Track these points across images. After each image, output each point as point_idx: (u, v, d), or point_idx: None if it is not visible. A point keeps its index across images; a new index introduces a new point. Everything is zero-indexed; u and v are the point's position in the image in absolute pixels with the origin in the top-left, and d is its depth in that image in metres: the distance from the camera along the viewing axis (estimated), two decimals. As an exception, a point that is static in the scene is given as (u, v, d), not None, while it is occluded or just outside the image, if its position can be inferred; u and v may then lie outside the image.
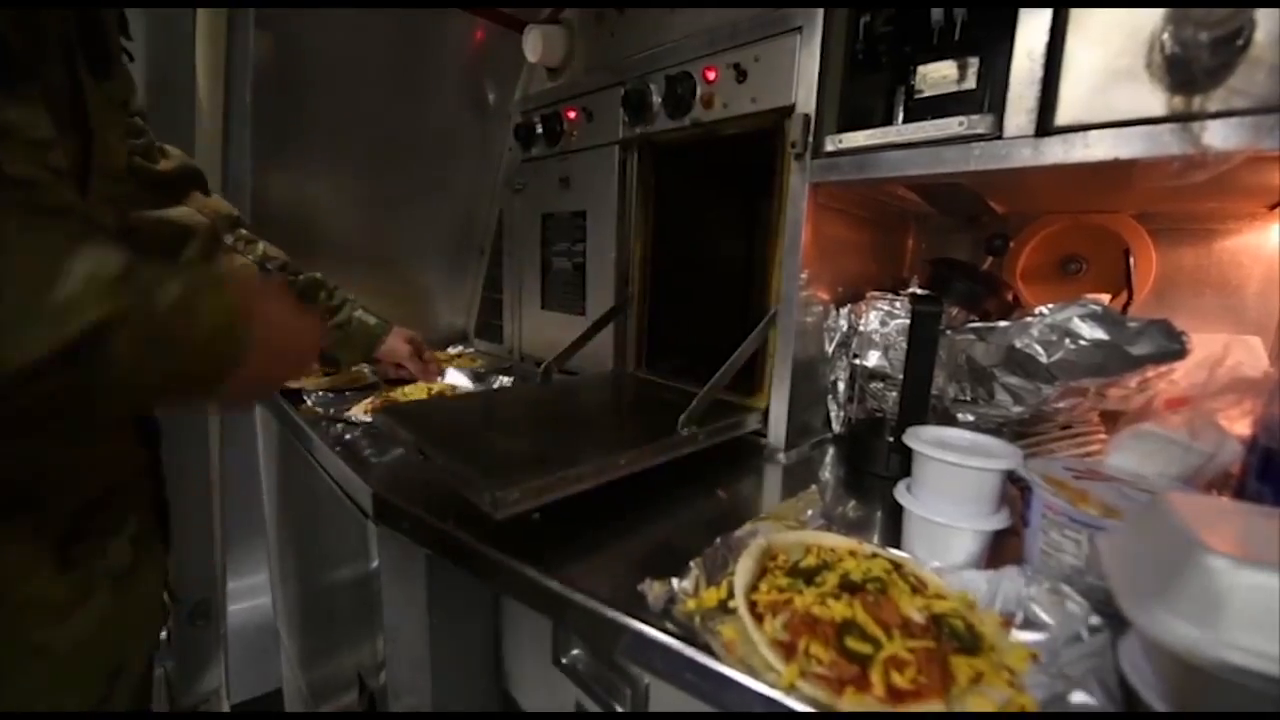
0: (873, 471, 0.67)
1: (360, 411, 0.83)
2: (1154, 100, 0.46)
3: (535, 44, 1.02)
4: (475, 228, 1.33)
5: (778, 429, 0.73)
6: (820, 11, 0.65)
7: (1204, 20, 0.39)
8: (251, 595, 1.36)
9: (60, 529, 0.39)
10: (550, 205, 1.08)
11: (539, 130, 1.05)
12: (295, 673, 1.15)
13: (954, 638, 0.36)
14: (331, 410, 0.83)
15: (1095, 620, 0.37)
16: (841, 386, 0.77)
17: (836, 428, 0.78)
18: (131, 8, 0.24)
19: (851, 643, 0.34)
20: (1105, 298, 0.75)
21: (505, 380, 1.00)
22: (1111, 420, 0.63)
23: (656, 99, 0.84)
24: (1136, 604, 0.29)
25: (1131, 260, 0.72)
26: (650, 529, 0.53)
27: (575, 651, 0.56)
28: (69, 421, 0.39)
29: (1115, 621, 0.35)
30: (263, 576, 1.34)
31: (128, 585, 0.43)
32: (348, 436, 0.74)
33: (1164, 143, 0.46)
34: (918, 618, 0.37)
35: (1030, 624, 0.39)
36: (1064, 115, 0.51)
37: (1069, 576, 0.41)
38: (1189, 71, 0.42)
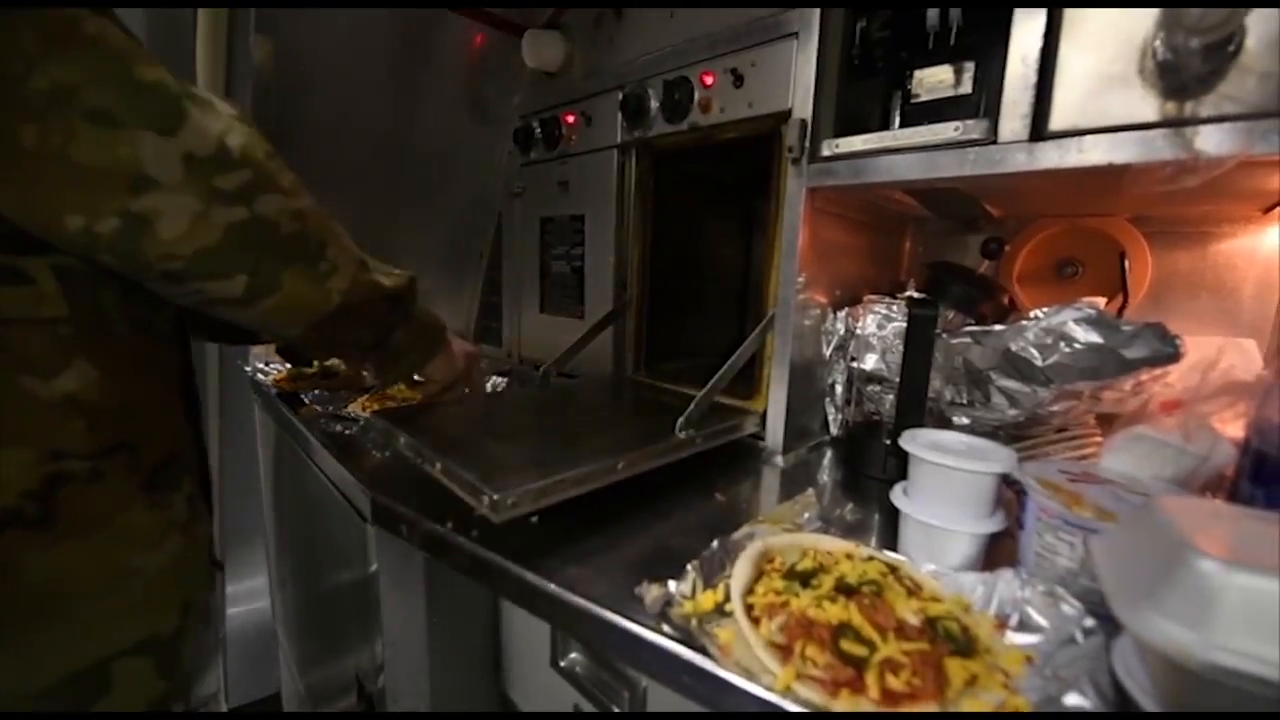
0: (870, 474, 0.68)
1: (358, 408, 0.83)
2: (1147, 106, 0.47)
3: (534, 49, 1.03)
4: (474, 231, 1.33)
5: (775, 432, 0.73)
6: (816, 17, 0.66)
7: (1195, 27, 0.40)
8: (250, 599, 1.36)
9: (145, 473, 0.45)
10: (549, 209, 1.08)
11: (538, 134, 1.06)
12: (294, 676, 1.15)
13: (949, 640, 0.36)
14: (330, 407, 0.84)
15: (1090, 623, 0.37)
16: (839, 389, 0.77)
17: (834, 430, 0.79)
18: (132, 8, 0.32)
19: (847, 645, 0.34)
20: (1101, 301, 0.75)
21: (499, 380, 1.01)
22: (1107, 423, 0.64)
23: (654, 103, 0.84)
24: (1128, 606, 0.30)
25: (1127, 263, 0.72)
26: (648, 532, 0.53)
27: (573, 654, 0.57)
28: (162, 375, 0.48)
29: (1109, 624, 0.35)
30: (261, 580, 1.35)
31: (189, 536, 0.49)
32: (346, 433, 0.75)
33: (1157, 148, 0.46)
34: (913, 620, 0.37)
35: (1025, 626, 0.39)
36: (1058, 120, 0.51)
37: (1064, 579, 0.41)
38: (1181, 77, 0.43)
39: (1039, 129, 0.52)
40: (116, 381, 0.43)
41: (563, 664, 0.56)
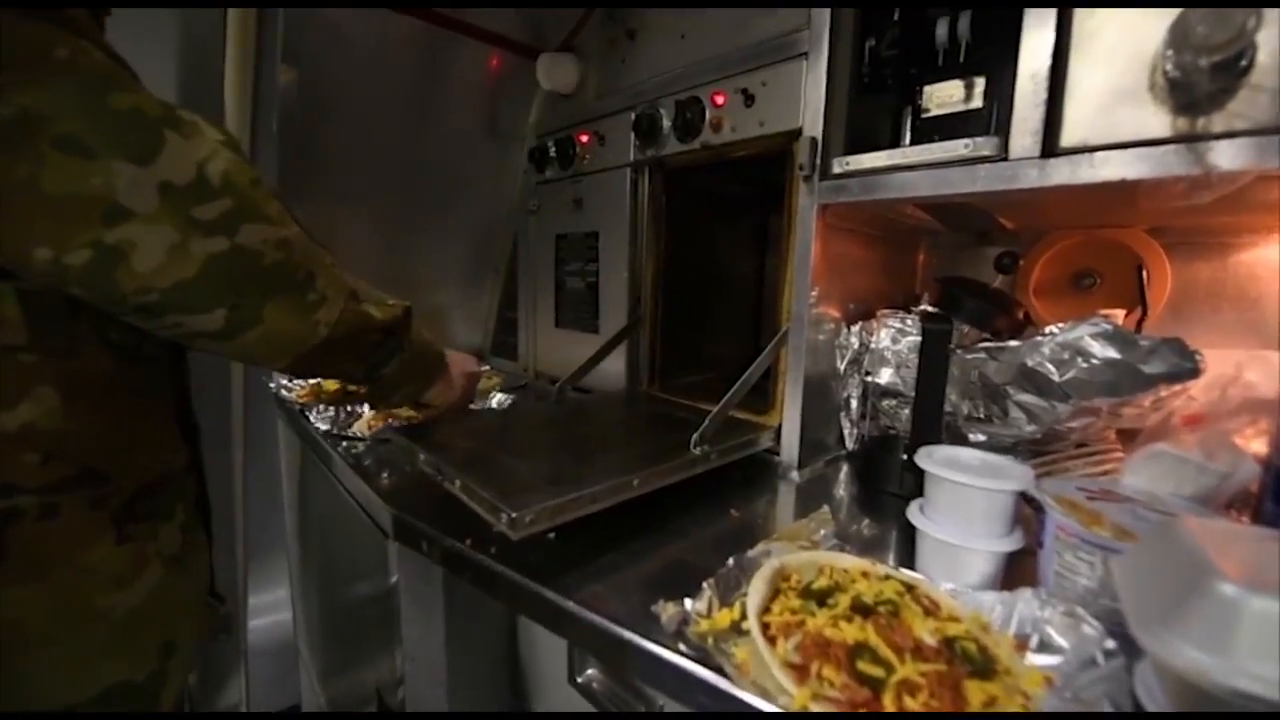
0: (886, 490, 0.67)
1: (364, 426, 0.83)
2: (1158, 121, 0.47)
3: (549, 71, 1.05)
4: (491, 248, 1.36)
5: (790, 447, 0.73)
6: (826, 37, 0.66)
7: (1203, 45, 0.40)
8: (273, 610, 1.38)
9: (119, 506, 0.43)
10: (564, 226, 1.10)
11: (552, 154, 1.08)
12: (315, 689, 1.17)
13: (967, 661, 0.36)
14: (335, 427, 0.85)
15: (1110, 644, 0.37)
16: (854, 404, 0.77)
17: (849, 445, 0.79)
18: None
19: (864, 666, 0.34)
20: (1120, 313, 0.75)
21: (504, 398, 1.02)
22: (1128, 438, 0.63)
23: (666, 123, 0.86)
24: (1148, 629, 0.29)
25: (1145, 275, 0.72)
26: (664, 549, 0.53)
27: (591, 670, 0.57)
28: (148, 400, 0.47)
29: (1130, 645, 0.35)
30: (284, 592, 1.37)
31: (177, 570, 0.46)
32: (354, 452, 0.76)
33: (1169, 163, 0.46)
34: (930, 641, 0.37)
35: (1045, 647, 0.39)
36: (1069, 137, 0.52)
37: (1083, 599, 0.41)
38: (1191, 94, 0.43)
39: (1050, 145, 0.52)
40: (86, 408, 0.41)
41: (580, 680, 0.56)
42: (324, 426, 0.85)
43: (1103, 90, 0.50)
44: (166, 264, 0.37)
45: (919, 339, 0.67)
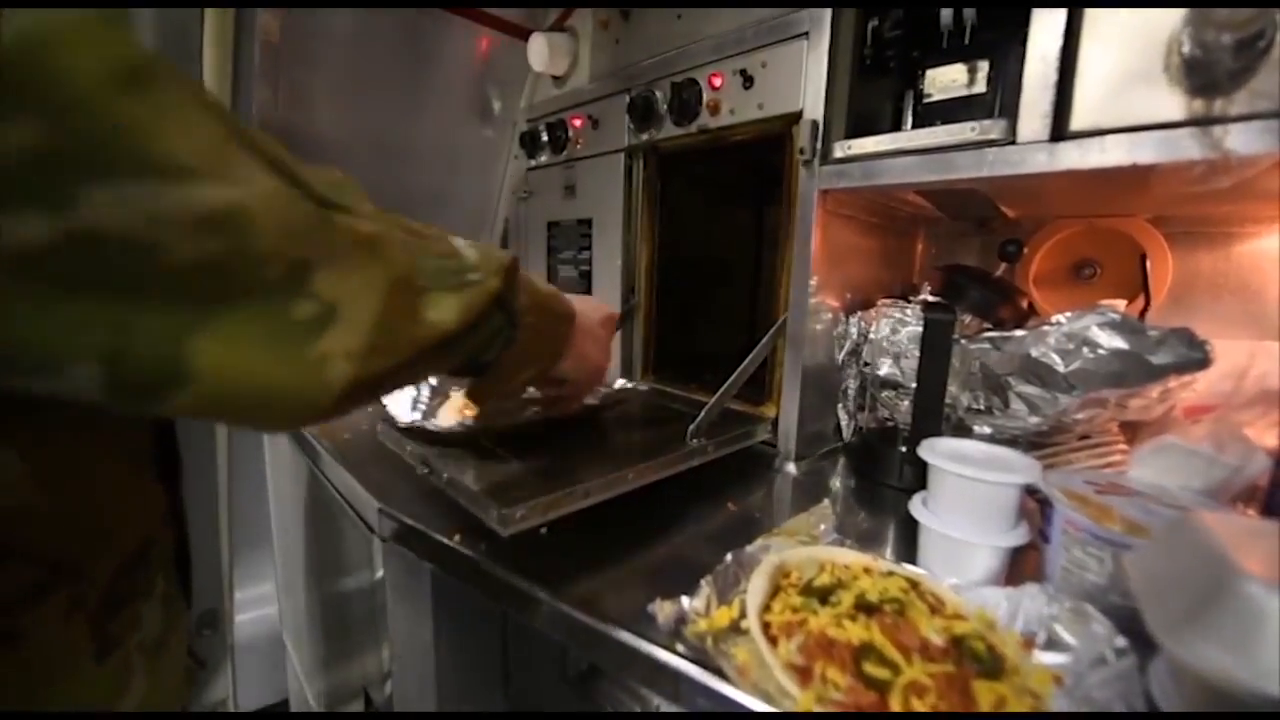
0: (885, 482, 0.66)
1: (453, 413, 0.63)
2: (1173, 104, 0.45)
3: (540, 52, 1.02)
4: (481, 236, 1.33)
5: (788, 439, 0.72)
6: (827, 16, 0.64)
7: (1227, 22, 0.38)
8: (259, 604, 1.36)
9: (97, 601, 0.30)
10: (556, 213, 1.08)
11: (544, 138, 1.05)
12: (302, 684, 1.15)
13: (975, 661, 0.35)
14: (414, 419, 0.65)
15: (1121, 642, 0.35)
16: (852, 395, 0.76)
17: (847, 436, 0.77)
18: (138, 8, 0.17)
19: (870, 667, 0.33)
20: (1121, 303, 0.74)
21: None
22: (1129, 430, 0.62)
23: (662, 106, 0.83)
24: (1168, 629, 0.28)
25: (1149, 265, 0.71)
26: (660, 543, 0.52)
27: (585, 668, 0.56)
28: (127, 437, 0.32)
29: (1141, 643, 0.34)
30: (270, 586, 1.34)
31: (158, 657, 0.34)
32: (344, 437, 0.74)
33: (1183, 147, 0.45)
34: (937, 640, 0.35)
35: (1053, 645, 0.38)
36: (1079, 120, 0.50)
37: (1091, 595, 0.40)
38: (1210, 74, 0.41)
39: (1059, 129, 0.51)
40: (55, 471, 0.27)
41: (574, 679, 0.55)
42: (401, 417, 0.65)
43: (1115, 72, 0.48)
44: None
45: (919, 329, 0.66)
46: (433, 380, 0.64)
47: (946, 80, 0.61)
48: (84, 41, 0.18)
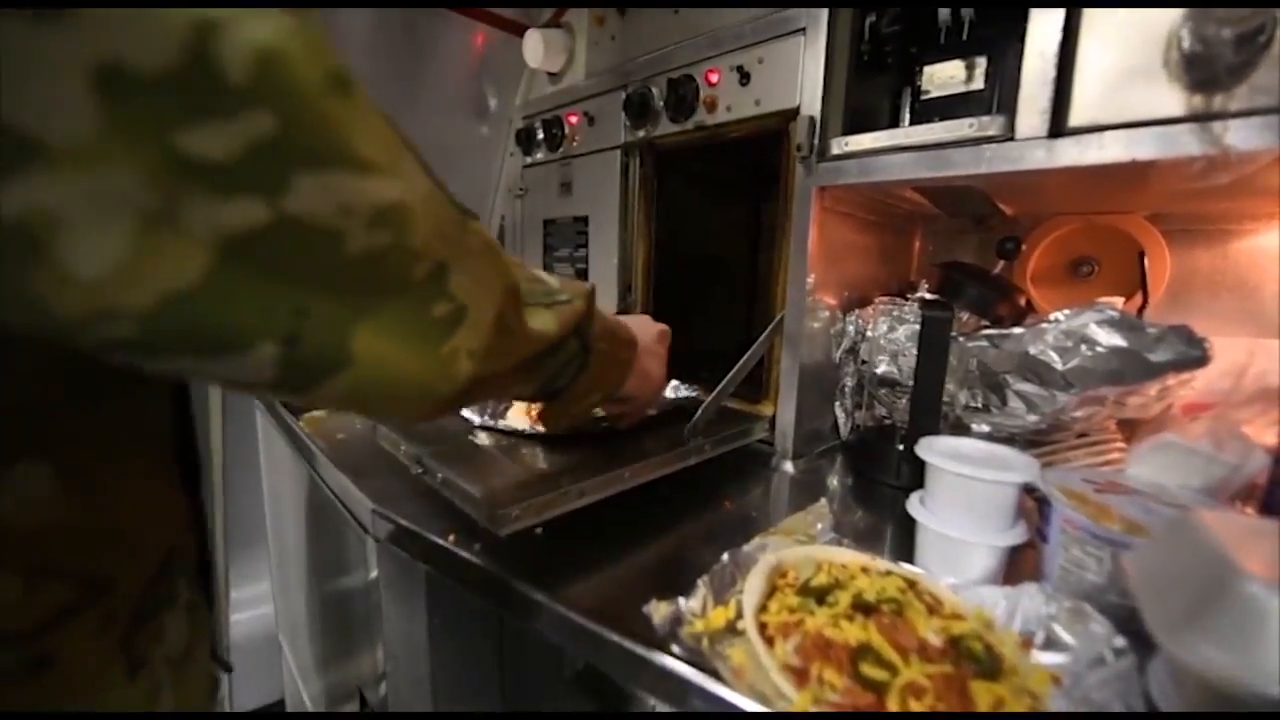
0: (883, 481, 0.66)
1: (522, 418, 0.65)
2: (1172, 100, 0.45)
3: (536, 48, 1.02)
4: (477, 233, 1.32)
5: (785, 437, 0.71)
6: (825, 12, 0.64)
7: (1227, 16, 0.38)
8: (254, 604, 1.35)
9: (127, 616, 0.29)
10: (552, 211, 1.07)
11: (540, 135, 1.04)
12: (297, 684, 1.14)
13: (973, 661, 0.34)
14: (485, 415, 0.67)
15: (1120, 642, 0.35)
16: (849, 393, 0.76)
17: (844, 435, 0.77)
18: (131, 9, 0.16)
19: (867, 669, 0.33)
20: (1119, 301, 0.73)
21: None
22: (1128, 428, 0.62)
23: (659, 103, 0.83)
24: (1169, 630, 0.28)
25: (1146, 263, 0.70)
26: (656, 543, 0.51)
27: (581, 668, 0.55)
28: (151, 443, 0.31)
29: (1140, 643, 0.33)
30: (266, 585, 1.34)
31: (184, 668, 0.33)
32: (339, 437, 0.73)
33: (1182, 143, 0.44)
34: (935, 640, 0.35)
35: (1051, 644, 0.37)
36: (1078, 116, 0.50)
37: (1090, 594, 0.40)
38: (1210, 69, 0.41)
39: (1058, 125, 0.50)
40: (84, 482, 0.26)
41: (571, 679, 0.54)
42: (473, 417, 0.68)
43: (1114, 67, 0.48)
44: (137, 259, 0.17)
45: (916, 327, 0.65)
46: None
47: (944, 77, 0.61)
48: (308, 49, 0.20)
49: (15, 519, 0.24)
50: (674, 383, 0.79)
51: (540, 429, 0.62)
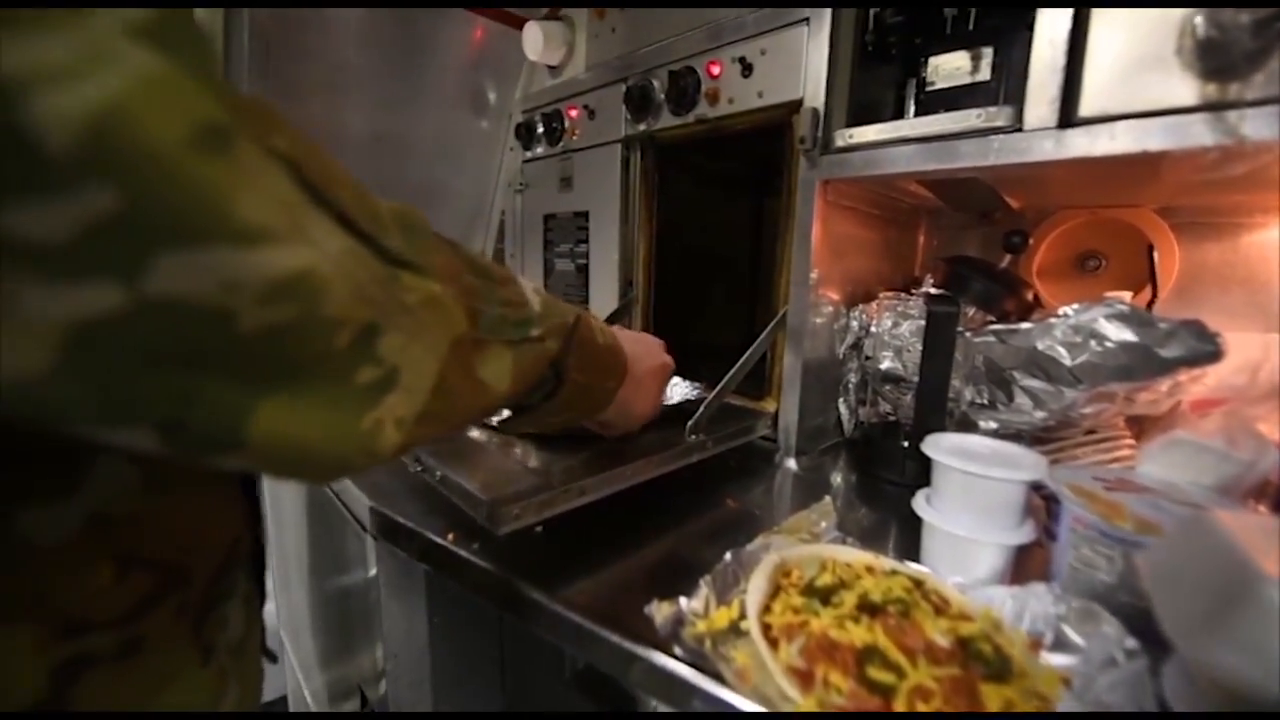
0: (887, 478, 0.65)
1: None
2: (1185, 88, 0.44)
3: (535, 41, 1.00)
4: (476, 229, 1.31)
5: (788, 434, 0.70)
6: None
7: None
8: (256, 601, 1.35)
9: (198, 605, 0.29)
10: (552, 206, 1.06)
11: (540, 130, 1.03)
12: (299, 681, 1.14)
13: (982, 663, 0.33)
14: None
15: (1131, 644, 0.34)
16: (853, 389, 0.75)
17: (848, 432, 0.76)
18: (127, 8, 0.15)
19: (873, 671, 0.32)
20: (1127, 295, 0.72)
21: None
22: (1136, 425, 0.61)
23: (660, 95, 0.82)
24: (1187, 634, 0.27)
25: (1156, 257, 0.69)
26: (658, 542, 0.51)
27: (582, 667, 0.55)
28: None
29: (1153, 645, 0.33)
30: (267, 582, 1.34)
31: (241, 658, 0.34)
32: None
33: (1195, 133, 0.43)
34: (942, 642, 0.34)
35: (1061, 646, 0.37)
36: (1088, 106, 0.48)
37: (1100, 595, 0.39)
38: (1226, 56, 0.40)
39: (1067, 115, 0.49)
40: (163, 476, 0.27)
41: (571, 679, 0.54)
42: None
43: (1126, 56, 0.46)
44: None
45: (921, 323, 0.64)
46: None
47: (950, 68, 0.60)
48: (168, 100, 0.17)
49: (112, 508, 0.25)
50: (676, 379, 0.78)
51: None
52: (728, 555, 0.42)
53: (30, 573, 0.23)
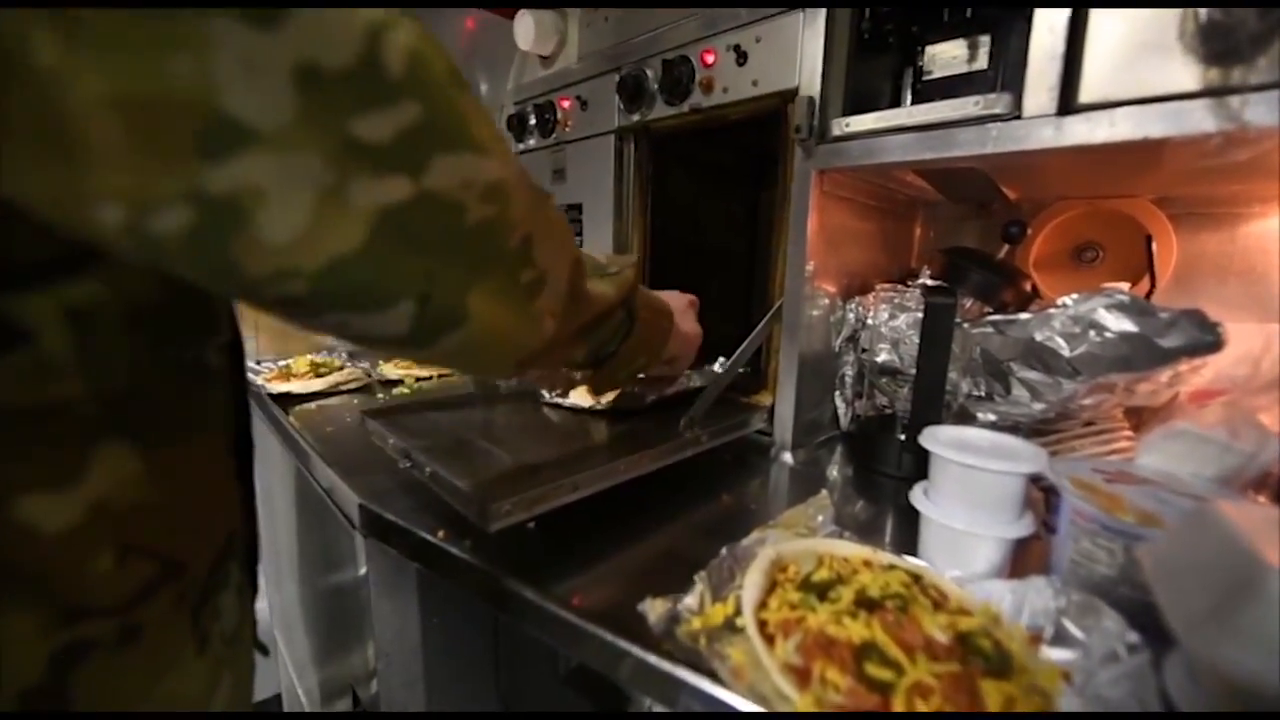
0: (884, 471, 0.65)
1: (586, 396, 0.70)
2: (1187, 74, 0.43)
3: (527, 31, 0.99)
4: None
5: (784, 428, 0.70)
6: (824, -10, 0.62)
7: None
8: (249, 599, 1.34)
9: (195, 595, 0.30)
10: (545, 198, 1.05)
11: (532, 121, 1.02)
12: (293, 679, 1.13)
13: (981, 659, 0.33)
14: (553, 393, 0.72)
15: (1133, 637, 0.34)
16: (849, 382, 0.74)
17: (844, 425, 0.76)
18: (266, 7, 0.16)
19: (872, 668, 0.31)
20: (1125, 286, 0.72)
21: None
22: (1134, 416, 0.60)
23: (653, 85, 0.80)
24: (1190, 627, 0.26)
25: (1154, 247, 0.69)
26: (652, 537, 0.50)
27: (576, 665, 0.54)
28: (214, 431, 0.32)
29: (1155, 639, 0.32)
30: (261, 579, 1.33)
31: (235, 648, 0.34)
32: (328, 430, 0.71)
33: (1197, 119, 0.43)
34: (941, 637, 0.34)
35: (1061, 640, 0.36)
36: (1088, 93, 0.48)
37: (1101, 588, 0.38)
38: (1229, 40, 0.39)
39: (1067, 102, 0.49)
40: (165, 465, 0.28)
41: (566, 677, 0.53)
42: (547, 394, 0.72)
43: (1126, 41, 0.46)
44: (313, 228, 0.21)
45: (918, 315, 0.64)
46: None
47: (947, 57, 0.59)
48: (435, 47, 0.23)
49: (114, 496, 0.25)
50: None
51: (599, 405, 0.68)
52: (723, 550, 0.42)
53: (32, 559, 0.24)
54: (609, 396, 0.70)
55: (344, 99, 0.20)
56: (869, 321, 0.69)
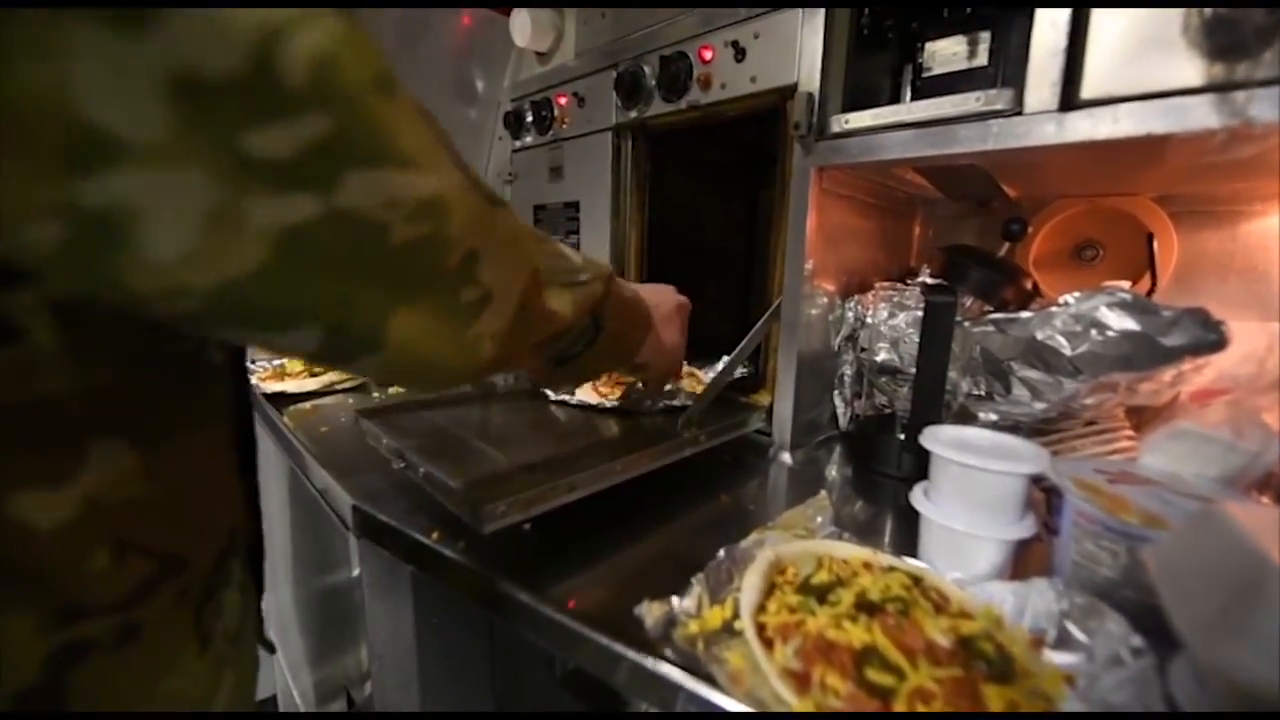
0: (883, 472, 0.64)
1: (590, 394, 0.70)
2: (1191, 69, 0.42)
3: (523, 27, 0.98)
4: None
5: (783, 427, 0.69)
6: (823, -16, 0.61)
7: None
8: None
9: (197, 593, 0.30)
10: (542, 196, 1.04)
11: (529, 118, 1.01)
12: (288, 680, 1.13)
13: (984, 663, 0.32)
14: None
15: (1137, 641, 0.33)
16: (848, 381, 0.73)
17: (843, 424, 0.75)
18: (130, 9, 0.15)
19: (873, 673, 0.31)
20: (1125, 284, 0.72)
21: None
22: (1134, 415, 0.60)
23: (651, 81, 0.80)
24: (1197, 630, 0.26)
25: (1155, 245, 0.68)
26: (649, 539, 0.49)
27: (572, 667, 0.53)
28: (214, 426, 0.32)
29: (1159, 642, 0.32)
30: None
31: (238, 646, 0.34)
32: (322, 430, 0.71)
33: (1200, 115, 0.42)
34: (943, 641, 0.33)
35: (1064, 643, 0.36)
36: (1090, 88, 0.47)
37: (1104, 590, 0.38)
38: (1235, 33, 0.38)
39: (1069, 98, 0.48)
40: (162, 460, 0.27)
41: (562, 679, 0.53)
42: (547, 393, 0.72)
43: (1129, 36, 0.45)
44: (203, 247, 0.19)
45: (918, 313, 0.63)
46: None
47: (947, 53, 0.58)
48: (358, 51, 0.21)
49: (110, 493, 0.25)
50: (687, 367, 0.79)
51: (605, 403, 0.68)
52: (721, 552, 0.41)
53: (27, 556, 0.23)
54: (616, 393, 0.70)
55: (232, 111, 0.18)
56: (868, 320, 0.69)
